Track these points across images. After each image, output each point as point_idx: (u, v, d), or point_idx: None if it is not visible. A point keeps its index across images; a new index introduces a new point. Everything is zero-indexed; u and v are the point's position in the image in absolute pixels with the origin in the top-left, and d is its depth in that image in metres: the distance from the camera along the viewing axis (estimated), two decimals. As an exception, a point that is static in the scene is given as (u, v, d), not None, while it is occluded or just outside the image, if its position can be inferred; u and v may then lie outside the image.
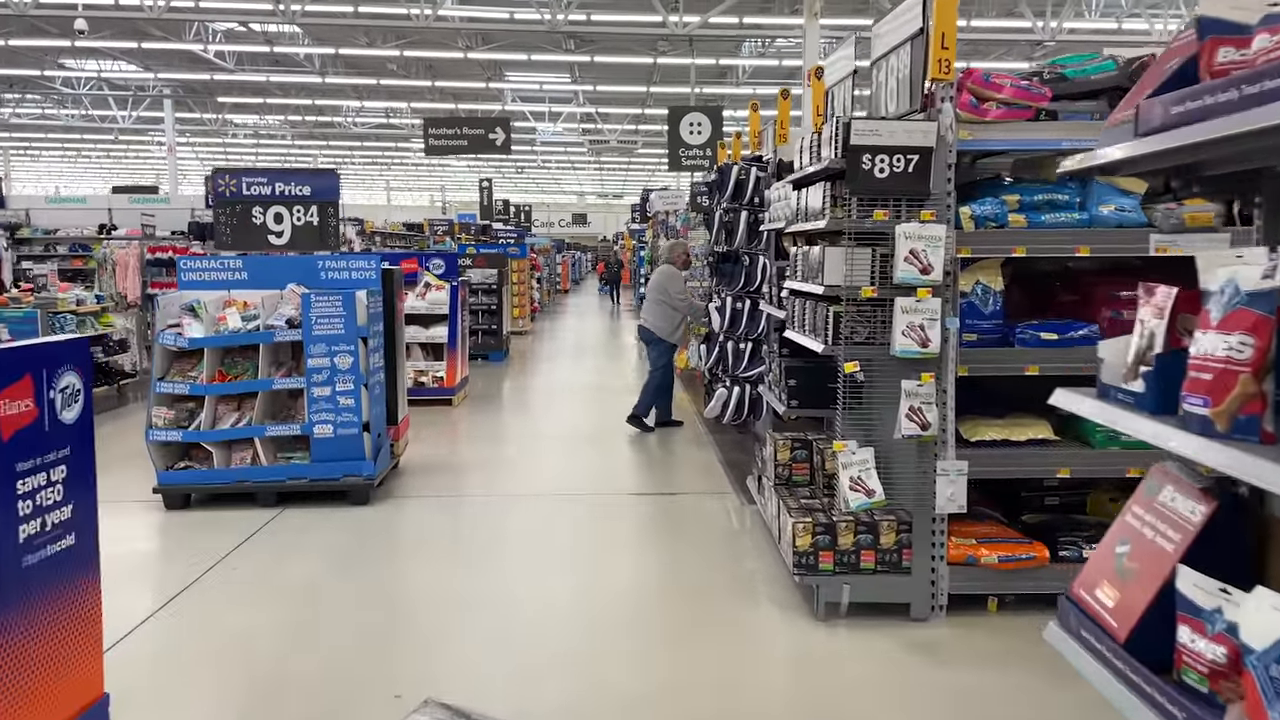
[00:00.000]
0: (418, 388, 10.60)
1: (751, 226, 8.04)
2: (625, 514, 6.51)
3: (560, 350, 17.48)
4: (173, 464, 6.61)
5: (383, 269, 7.18)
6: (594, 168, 49.81)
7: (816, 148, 4.95)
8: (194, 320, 6.52)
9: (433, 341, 10.79)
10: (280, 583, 5.17)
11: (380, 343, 6.99)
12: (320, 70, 24.90)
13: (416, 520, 6.46)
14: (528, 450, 8.66)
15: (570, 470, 7.84)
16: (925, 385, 4.38)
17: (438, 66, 26.23)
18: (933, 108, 4.42)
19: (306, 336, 6.46)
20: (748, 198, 7.99)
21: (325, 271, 6.92)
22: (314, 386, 6.49)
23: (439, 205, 58.01)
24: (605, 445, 8.81)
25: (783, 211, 5.96)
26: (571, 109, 29.89)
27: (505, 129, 15.57)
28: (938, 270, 4.31)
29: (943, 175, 4.41)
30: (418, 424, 9.64)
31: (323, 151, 43.66)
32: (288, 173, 6.87)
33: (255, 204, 6.94)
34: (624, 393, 12.00)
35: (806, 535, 4.53)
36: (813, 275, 4.81)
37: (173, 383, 6.51)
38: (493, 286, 15.29)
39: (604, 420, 10.11)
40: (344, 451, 6.56)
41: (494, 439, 9.18)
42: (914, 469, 4.55)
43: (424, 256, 10.97)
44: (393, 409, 7.30)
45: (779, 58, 22.82)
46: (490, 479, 7.50)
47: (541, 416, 10.51)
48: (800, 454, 5.31)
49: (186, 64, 25.43)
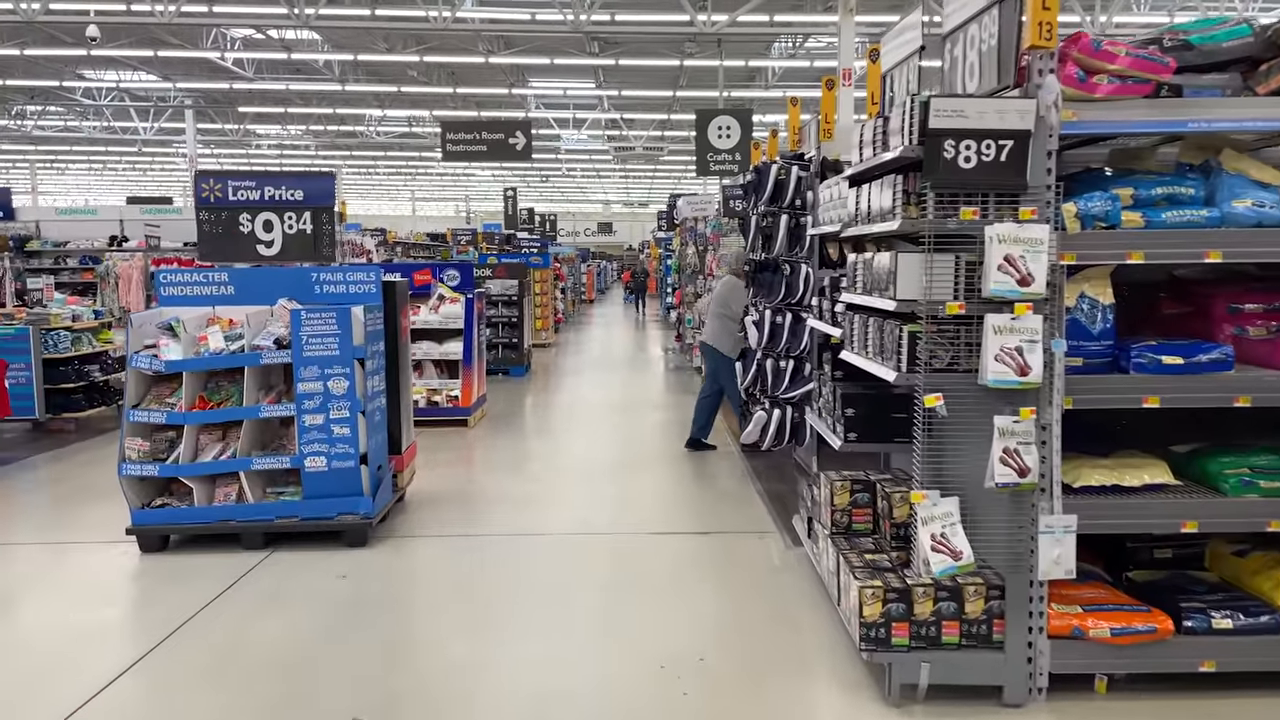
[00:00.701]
0: (431, 407, 9.90)
1: (792, 231, 7.25)
2: (657, 559, 5.73)
3: (584, 364, 16.75)
4: (149, 501, 5.92)
5: (384, 281, 6.47)
6: (619, 176, 49.20)
7: (881, 136, 4.16)
8: (172, 340, 5.83)
9: (447, 358, 10.08)
10: (256, 650, 4.43)
11: (381, 364, 6.27)
12: (340, 78, 24.40)
13: (420, 567, 5.72)
14: (548, 479, 7.91)
15: (595, 503, 7.08)
16: (1024, 422, 3.57)
17: (460, 73, 25.70)
18: (1029, 82, 3.63)
19: (296, 358, 5.75)
20: (788, 200, 7.21)
21: (320, 285, 6.21)
22: (305, 414, 5.78)
23: (464, 215, 57.71)
24: (632, 472, 8.05)
25: (835, 213, 5.17)
26: (596, 115, 29.23)
27: (526, 133, 14.89)
28: (1039, 280, 3.51)
29: (1042, 164, 3.61)
30: (429, 448, 8.94)
31: (347, 162, 43.39)
32: (278, 176, 6.18)
33: (243, 210, 6.25)
34: (652, 410, 11.23)
35: (876, 603, 3.74)
36: (879, 286, 4.02)
37: (148, 410, 5.82)
38: (513, 298, 14.59)
39: (631, 442, 9.35)
40: (339, 487, 5.84)
41: (511, 466, 8.44)
42: (1007, 522, 3.74)
43: (437, 267, 10.28)
44: (396, 437, 6.58)
45: (810, 59, 22.02)
46: (506, 514, 6.75)
47: (563, 438, 9.76)
48: (861, 497, 4.51)
49: (206, 73, 25.07)
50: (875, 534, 4.52)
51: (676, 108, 27.92)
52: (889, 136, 4.06)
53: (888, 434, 4.65)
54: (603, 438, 9.74)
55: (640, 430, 10.05)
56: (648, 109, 29.23)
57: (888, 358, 3.97)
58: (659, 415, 10.90)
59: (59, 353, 9.74)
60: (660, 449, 9.04)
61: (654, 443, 9.36)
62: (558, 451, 9.09)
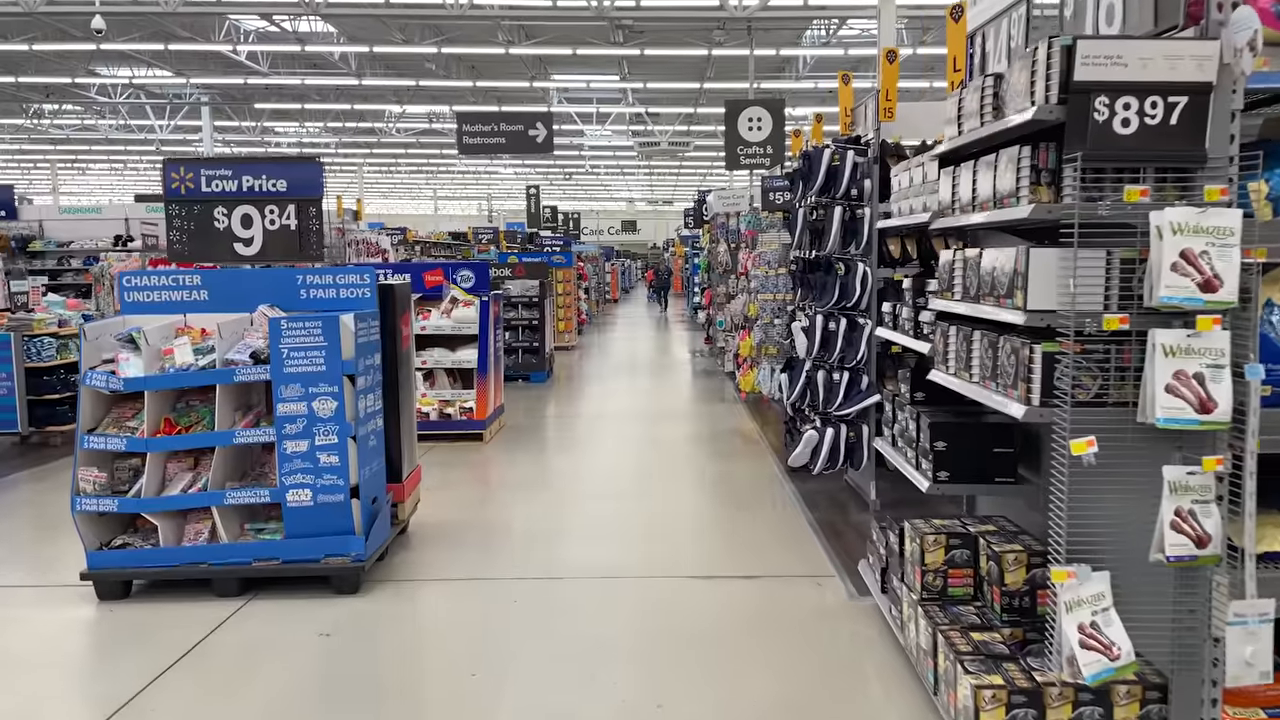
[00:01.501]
0: (442, 420, 9.07)
1: (847, 225, 6.36)
2: (699, 615, 4.84)
3: (609, 368, 15.89)
4: (108, 540, 5.12)
5: (381, 285, 5.63)
6: (644, 173, 48.33)
7: (992, 100, 3.25)
8: (133, 354, 5.02)
9: (460, 367, 9.25)
10: (208, 739, 3.60)
11: (377, 379, 5.43)
12: (356, 71, 23.68)
13: (418, 620, 4.88)
14: (570, 504, 7.05)
15: (624, 535, 6.21)
16: (1203, 475, 2.67)
17: (480, 67, 24.94)
18: (1208, 18, 2.72)
19: (276, 375, 4.92)
20: (842, 189, 6.31)
21: (306, 289, 5.38)
22: (286, 440, 4.95)
23: (487, 214, 57.01)
24: (665, 495, 7.17)
25: (917, 201, 4.27)
26: (620, 109, 28.36)
27: (547, 124, 14.04)
28: (1229, 284, 2.60)
29: (1225, 128, 2.70)
30: (440, 465, 8.13)
31: (367, 160, 42.85)
32: (258, 163, 5.35)
33: (217, 203, 5.43)
34: (682, 420, 10.36)
35: (998, 709, 2.84)
36: (995, 292, 3.12)
37: (105, 436, 5.01)
38: (534, 299, 13.76)
39: (661, 458, 8.47)
40: (326, 524, 5.01)
41: (530, 488, 7.59)
42: (1172, 605, 2.83)
43: (450, 267, 9.46)
44: (395, 463, 5.74)
45: (843, 47, 21.04)
46: (522, 551, 5.90)
47: (587, 454, 8.90)
48: (960, 555, 3.61)
49: (222, 69, 24.47)
50: (978, 601, 3.62)
51: (703, 100, 27.01)
52: (1006, 99, 3.16)
53: (988, 473, 3.76)
54: (630, 453, 8.87)
55: (671, 444, 9.18)
56: (673, 102, 28.33)
57: (1008, 384, 3.07)
58: (689, 426, 10.03)
59: (43, 361, 9.01)
60: (694, 466, 8.16)
61: (686, 459, 8.49)
62: (581, 470, 8.23)
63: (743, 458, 8.47)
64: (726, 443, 9.16)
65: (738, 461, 8.32)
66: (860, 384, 6.36)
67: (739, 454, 8.65)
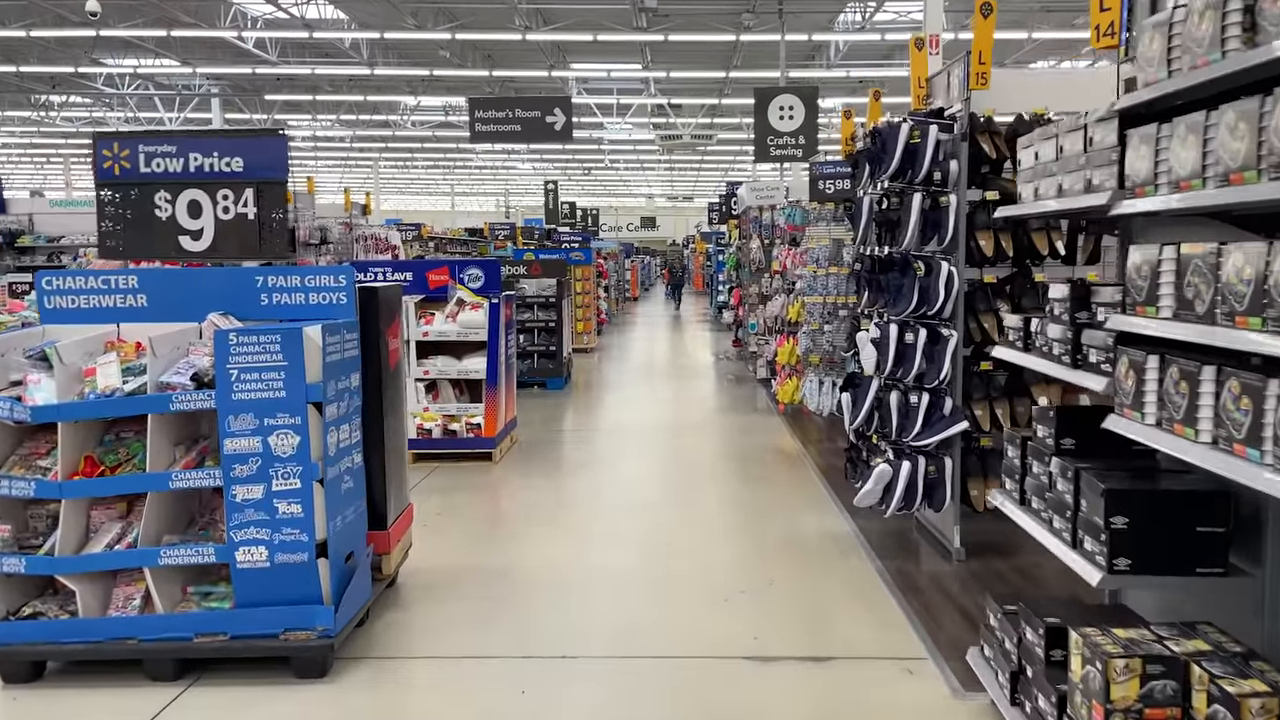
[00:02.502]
0: (447, 438, 8.03)
1: (927, 216, 5.26)
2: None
3: (630, 373, 14.83)
4: (16, 608, 4.10)
5: (362, 288, 4.59)
6: (664, 168, 47.22)
7: (1244, 19, 2.15)
8: (44, 375, 4.00)
9: (466, 377, 8.21)
10: None
11: (355, 405, 4.39)
12: (368, 60, 22.70)
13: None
14: (588, 546, 5.98)
15: (650, 591, 5.14)
16: None
17: (496, 55, 23.96)
18: None
19: (223, 402, 3.89)
20: (923, 172, 5.21)
21: (268, 294, 4.35)
22: (236, 485, 3.92)
23: (505, 210, 56.07)
24: (698, 535, 6.10)
25: (1076, 178, 3.16)
26: (642, 100, 27.26)
27: (565, 111, 12.98)
28: None
29: None
30: (443, 490, 7.14)
31: (382, 155, 41.99)
32: (208, 137, 4.32)
33: (159, 187, 4.40)
34: (711, 435, 9.28)
35: None
36: (1258, 309, 2.03)
37: (9, 479, 3.99)
38: (551, 299, 12.70)
39: (694, 484, 7.40)
40: (286, 590, 3.98)
41: (542, 522, 6.54)
42: None
43: (456, 265, 8.41)
44: (380, 506, 4.70)
45: (879, 32, 19.85)
46: (531, 613, 4.83)
47: (607, 478, 7.84)
48: (1162, 689, 2.50)
49: (230, 58, 23.59)
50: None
51: (728, 91, 25.90)
52: (1268, 18, 2.06)
53: (1188, 561, 2.66)
54: (655, 477, 7.80)
55: (701, 465, 8.11)
56: (697, 93, 27.25)
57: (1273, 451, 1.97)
58: (721, 442, 8.96)
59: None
60: (730, 495, 7.09)
61: (721, 485, 7.41)
62: (600, 499, 7.17)
63: (786, 484, 7.38)
64: (765, 464, 8.08)
65: (780, 489, 7.23)
66: (942, 408, 5.27)
67: (781, 478, 7.57)
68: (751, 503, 6.87)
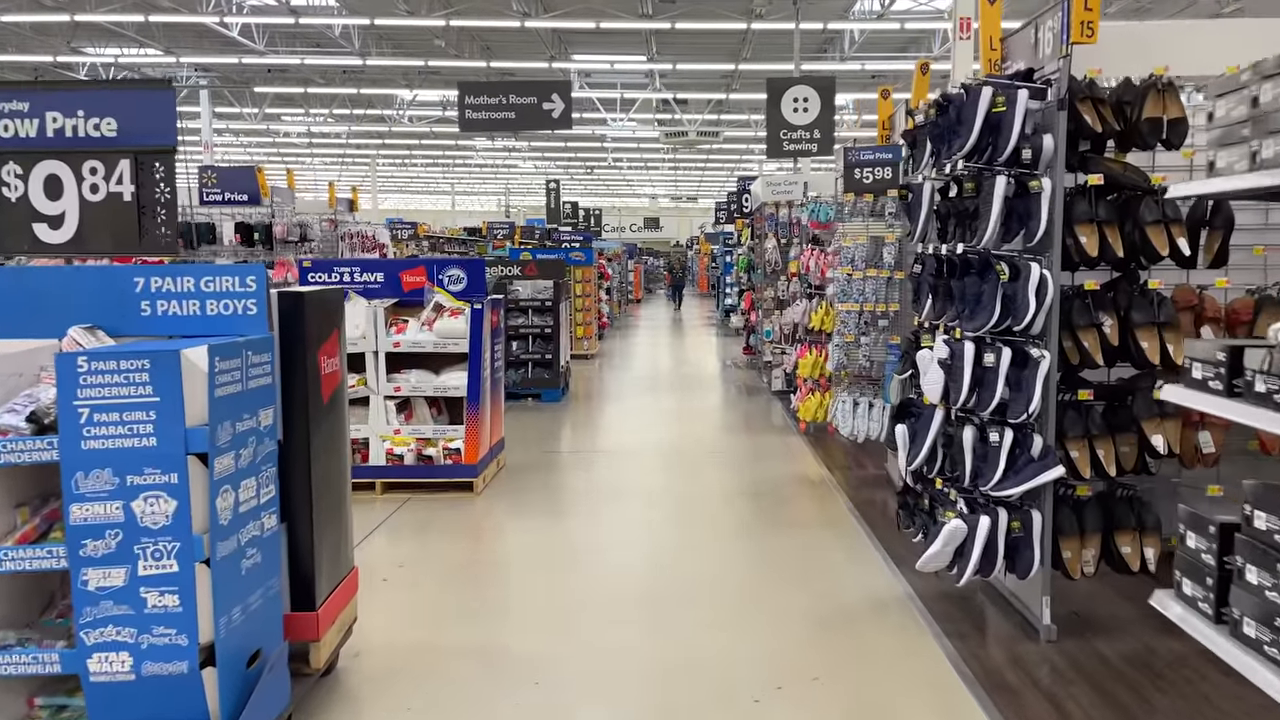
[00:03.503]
0: (422, 465, 6.93)
1: (1010, 204, 4.16)
2: None
3: (634, 382, 13.72)
4: None
5: (285, 293, 3.48)
6: (668, 167, 46.14)
7: None
8: None
9: (444, 394, 7.10)
10: None
11: (269, 450, 3.28)
12: (360, 50, 21.61)
13: None
14: (588, 619, 4.86)
15: (669, 697, 4.03)
16: None
17: (494, 46, 22.91)
18: None
19: (68, 453, 2.79)
20: (1008, 150, 4.10)
21: (150, 300, 3.24)
22: (87, 567, 2.82)
23: (511, 209, 54.96)
24: (722, 602, 4.97)
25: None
26: (647, 94, 26.17)
27: (564, 96, 11.87)
28: None
29: None
30: (414, 529, 6.07)
31: (380, 153, 40.96)
32: (72, 89, 3.21)
33: (6, 158, 3.29)
34: (726, 460, 8.16)
35: None
36: None
37: None
38: (547, 303, 11.59)
39: (704, 530, 6.26)
40: (157, 710, 2.87)
41: (530, 583, 5.43)
42: None
43: (435, 265, 7.31)
44: (307, 581, 3.58)
45: (899, 21, 18.75)
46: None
47: (606, 517, 6.72)
48: None
49: (217, 47, 22.56)
50: None
51: (737, 85, 24.81)
52: None
53: None
54: (665, 514, 6.67)
55: (716, 501, 7.00)
56: (704, 87, 26.15)
57: None
58: (738, 470, 7.85)
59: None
60: (753, 544, 5.96)
61: (740, 529, 6.29)
62: (600, 546, 6.04)
63: (818, 526, 6.27)
64: (790, 498, 6.97)
65: (813, 534, 6.12)
66: (1030, 447, 4.16)
67: (811, 518, 6.46)
68: (780, 554, 5.74)
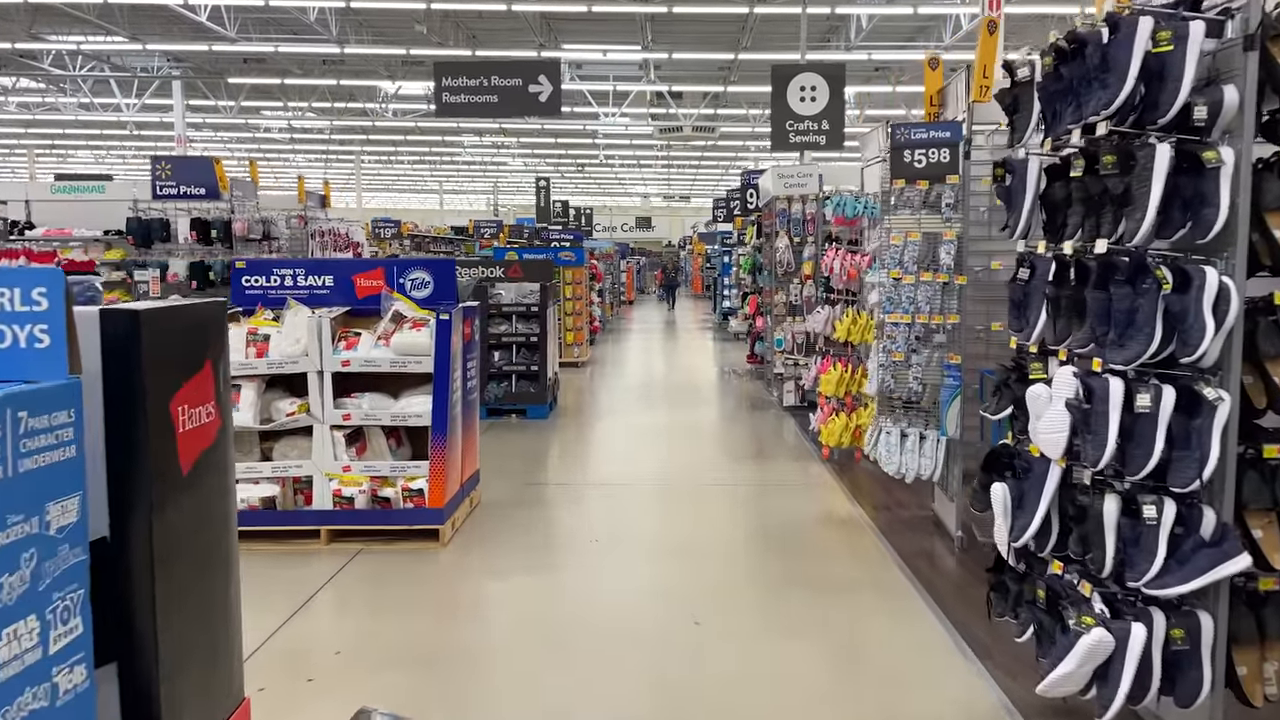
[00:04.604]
0: (377, 510, 5.70)
1: (1177, 186, 2.96)
2: None
3: (628, 394, 12.50)
4: None
5: (113, 313, 2.24)
6: (661, 165, 44.96)
7: None
8: None
9: (404, 423, 5.86)
10: None
11: (67, 570, 2.03)
12: (338, 38, 20.32)
13: None
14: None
15: None
16: None
17: (480, 35, 21.67)
18: None
19: None
20: (1174, 108, 2.90)
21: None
22: None
23: (501, 208, 53.65)
24: (763, 702, 3.77)
25: None
26: (641, 87, 24.97)
27: (552, 78, 10.62)
28: None
29: None
30: (363, 597, 4.85)
31: (365, 149, 39.70)
32: None
33: None
34: (738, 494, 6.93)
35: None
36: None
37: None
38: (533, 309, 10.36)
39: (725, 592, 5.03)
40: None
41: (505, 690, 4.20)
42: None
43: (396, 267, 6.08)
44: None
45: (911, 4, 17.58)
46: None
47: (605, 578, 5.49)
48: None
49: (187, 35, 21.24)
50: None
51: (735, 77, 23.64)
52: None
53: None
54: (673, 573, 5.43)
55: (735, 552, 5.79)
56: (700, 79, 24.97)
57: None
58: (753, 509, 6.65)
59: None
60: (790, 617, 4.73)
61: (771, 594, 5.07)
62: (596, 624, 4.80)
63: (861, 587, 5.07)
64: (822, 549, 5.75)
65: (856, 598, 4.91)
66: (1199, 525, 2.95)
67: (851, 577, 5.24)
68: (822, 636, 4.52)
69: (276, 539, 5.70)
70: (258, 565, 5.37)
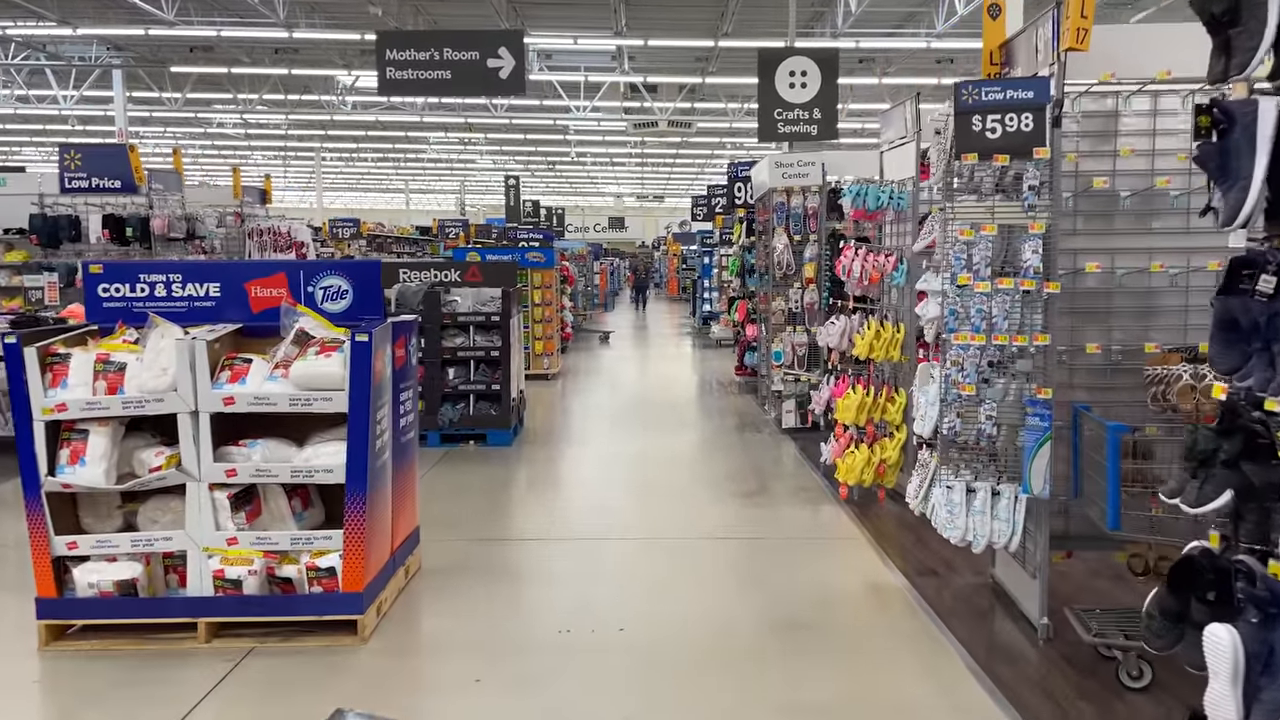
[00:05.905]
0: (275, 595, 4.25)
1: None
2: None
3: (604, 412, 11.08)
4: None
5: None
6: (635, 163, 43.58)
7: None
8: None
9: (309, 480, 4.40)
10: None
11: None
12: (286, 21, 18.70)
13: None
14: None
15: None
16: None
17: (441, 19, 20.13)
18: None
19: None
20: None
21: None
22: None
23: (470, 209, 51.94)
24: None
25: None
26: (614, 79, 23.54)
27: (515, 51, 9.14)
28: None
29: None
30: (251, 703, 3.33)
31: (324, 145, 38.00)
32: None
33: None
34: (739, 551, 5.45)
35: None
36: None
37: None
38: (493, 318, 8.89)
39: (737, 712, 3.67)
40: None
41: None
42: None
43: (302, 271, 4.64)
44: None
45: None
46: None
47: (577, 687, 4.09)
48: None
49: (123, 18, 19.52)
50: None
51: (714, 68, 22.28)
52: None
53: None
54: (664, 686, 4.03)
55: (743, 642, 4.38)
56: (677, 70, 23.60)
57: None
58: (765, 571, 5.24)
59: None
60: None
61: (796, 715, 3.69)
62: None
63: (935, 714, 3.69)
64: (861, 649, 4.36)
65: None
66: None
67: (913, 698, 3.85)
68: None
69: (139, 634, 4.26)
70: (110, 673, 3.95)
